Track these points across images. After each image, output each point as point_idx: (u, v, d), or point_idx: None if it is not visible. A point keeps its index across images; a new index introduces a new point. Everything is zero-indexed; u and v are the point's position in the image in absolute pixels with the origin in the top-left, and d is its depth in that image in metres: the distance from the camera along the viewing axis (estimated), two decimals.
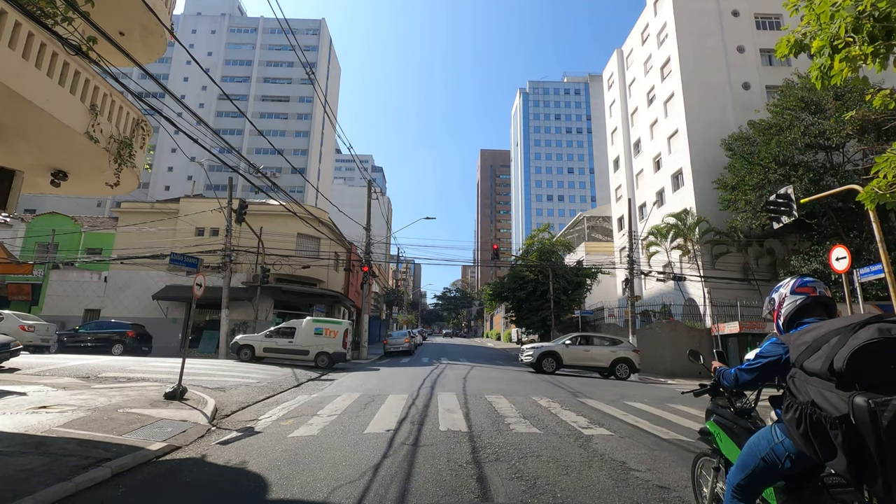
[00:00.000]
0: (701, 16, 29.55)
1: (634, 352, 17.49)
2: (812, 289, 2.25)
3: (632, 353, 17.19)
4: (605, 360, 16.90)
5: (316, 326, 17.16)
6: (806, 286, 2.27)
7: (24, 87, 5.17)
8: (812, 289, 2.25)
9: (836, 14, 3.93)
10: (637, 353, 17.62)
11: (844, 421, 1.63)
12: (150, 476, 4.38)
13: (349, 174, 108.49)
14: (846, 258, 10.18)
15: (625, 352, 17.17)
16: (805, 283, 2.29)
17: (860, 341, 1.68)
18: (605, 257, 35.14)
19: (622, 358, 16.90)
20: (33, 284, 25.58)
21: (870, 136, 18.27)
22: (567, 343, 17.54)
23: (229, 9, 70.84)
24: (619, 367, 16.75)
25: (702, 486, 3.20)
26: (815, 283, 2.28)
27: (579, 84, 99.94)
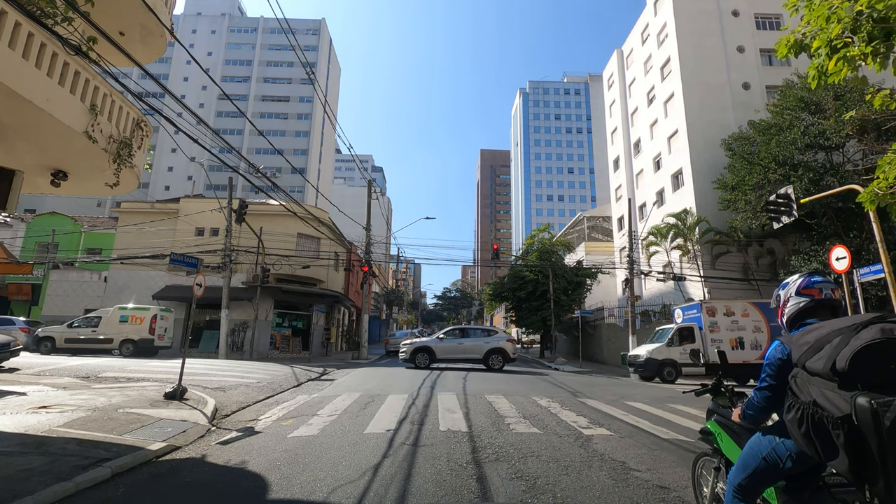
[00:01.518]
0: (701, 16, 29.54)
1: (509, 342, 17.56)
2: (818, 290, 2.18)
3: (505, 343, 17.28)
4: (479, 352, 17.01)
5: (122, 314, 16.93)
6: (812, 287, 2.20)
7: (24, 87, 5.16)
8: (818, 290, 2.18)
9: (832, 15, 3.93)
10: (512, 342, 17.70)
11: (846, 421, 1.62)
12: (150, 476, 4.38)
13: (349, 174, 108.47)
14: (846, 258, 10.18)
15: (498, 342, 17.25)
16: (811, 284, 2.21)
17: (862, 341, 1.67)
18: (605, 257, 35.13)
19: (496, 348, 17.02)
20: (33, 284, 25.59)
21: (870, 136, 18.26)
22: (441, 337, 17.74)
23: (229, 9, 70.84)
24: (493, 358, 16.90)
25: (702, 486, 3.20)
26: (821, 284, 2.20)
27: (579, 84, 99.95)
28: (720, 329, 17.62)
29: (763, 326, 17.65)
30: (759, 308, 18.03)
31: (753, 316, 17.77)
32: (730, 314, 17.78)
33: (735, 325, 17.66)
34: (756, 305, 18.22)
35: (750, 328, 17.62)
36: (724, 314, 17.79)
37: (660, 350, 17.82)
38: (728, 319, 17.71)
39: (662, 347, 17.84)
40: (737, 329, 17.62)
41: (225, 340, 19.36)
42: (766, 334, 17.52)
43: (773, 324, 17.66)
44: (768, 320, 17.70)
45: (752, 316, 17.77)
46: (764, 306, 18.26)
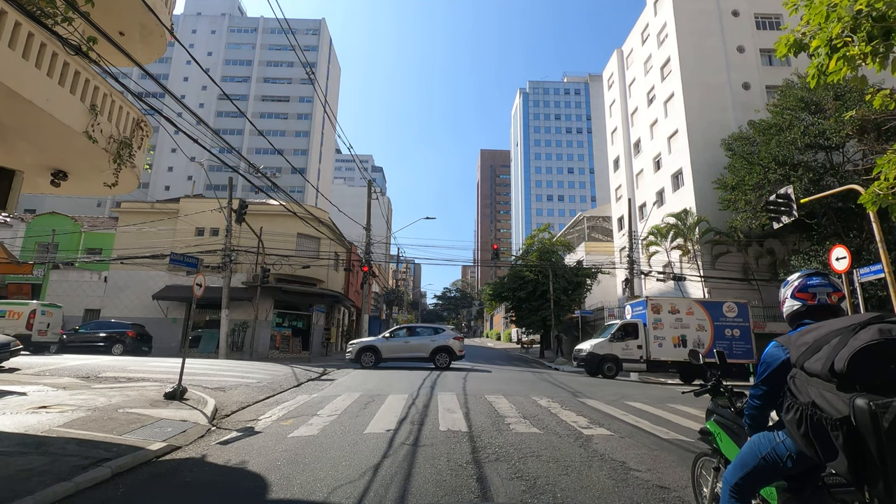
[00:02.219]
0: (701, 16, 29.55)
1: (456, 339, 17.39)
2: (811, 295, 2.14)
3: (452, 342, 17.16)
4: (426, 351, 16.93)
5: None
6: (806, 291, 2.16)
7: (24, 87, 5.16)
8: (811, 295, 2.14)
9: (831, 14, 3.94)
10: (458, 340, 17.55)
11: (845, 423, 1.62)
12: (150, 476, 4.38)
13: (349, 174, 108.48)
14: (846, 258, 10.18)
15: (444, 340, 17.15)
16: (806, 289, 2.16)
17: (861, 342, 1.66)
18: (605, 257, 35.13)
19: (442, 346, 16.94)
20: (33, 284, 25.59)
21: (870, 136, 18.26)
22: (387, 336, 17.60)
23: (229, 9, 70.85)
24: (439, 357, 16.82)
25: (702, 486, 3.20)
26: (816, 289, 2.14)
27: (579, 84, 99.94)
28: (664, 326, 17.66)
29: (707, 325, 17.70)
30: (705, 307, 18.08)
31: (698, 315, 17.80)
32: (675, 312, 17.83)
33: (679, 323, 17.70)
34: (702, 304, 18.28)
35: (694, 327, 17.66)
36: (668, 312, 17.84)
37: (602, 345, 17.83)
38: (672, 317, 17.75)
39: (605, 342, 17.87)
40: (680, 327, 17.66)
41: (225, 340, 19.37)
42: (710, 333, 17.57)
43: (718, 323, 17.76)
44: (713, 320, 17.74)
45: (696, 315, 17.80)
46: (710, 305, 18.31)
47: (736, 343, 17.59)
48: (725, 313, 17.91)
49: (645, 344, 17.53)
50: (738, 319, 17.89)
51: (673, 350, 17.41)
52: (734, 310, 18.00)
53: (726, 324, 17.80)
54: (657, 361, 17.42)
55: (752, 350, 17.65)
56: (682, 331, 17.61)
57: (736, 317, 17.90)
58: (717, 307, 18.14)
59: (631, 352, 17.52)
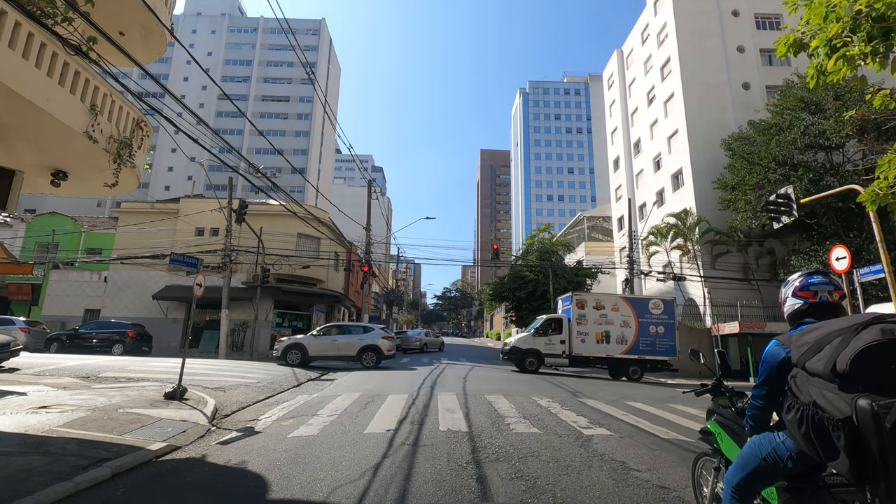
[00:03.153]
0: (701, 16, 29.55)
1: (384, 339, 17.08)
2: (813, 293, 2.13)
3: (380, 341, 16.86)
4: (353, 349, 16.68)
5: None
6: (807, 290, 2.15)
7: (24, 87, 5.16)
8: (813, 293, 2.13)
9: (830, 14, 3.93)
10: (388, 339, 17.21)
11: (847, 423, 1.61)
12: (150, 476, 4.38)
13: (349, 174, 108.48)
14: (846, 258, 10.18)
15: (372, 339, 16.86)
16: (807, 287, 2.16)
17: (863, 343, 1.65)
18: (605, 257, 35.13)
19: (369, 346, 16.66)
20: (33, 284, 25.59)
21: (870, 136, 18.26)
22: (314, 334, 17.30)
23: (229, 9, 70.86)
24: (366, 356, 16.55)
25: (702, 486, 3.20)
26: (818, 287, 2.14)
27: (579, 84, 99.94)
28: (588, 322, 17.66)
29: (632, 322, 17.68)
30: (631, 303, 18.06)
31: (624, 311, 17.79)
32: (600, 308, 17.83)
33: (604, 318, 17.68)
34: (627, 300, 18.26)
35: (618, 323, 17.65)
36: (594, 307, 17.84)
37: (525, 339, 17.85)
38: (597, 313, 17.74)
39: (528, 337, 17.90)
40: (605, 323, 17.65)
41: (225, 340, 19.37)
42: (634, 330, 17.57)
43: (643, 320, 17.75)
44: (638, 316, 17.74)
45: (622, 311, 17.79)
46: (635, 302, 18.29)
47: (660, 340, 17.62)
48: (651, 310, 17.92)
49: (568, 339, 17.54)
50: (663, 316, 17.90)
51: (596, 346, 17.42)
52: (660, 306, 18.01)
53: (651, 320, 17.80)
54: (579, 357, 17.46)
55: (675, 347, 17.69)
56: (606, 327, 17.61)
57: (661, 314, 17.91)
58: (642, 303, 18.16)
59: (554, 346, 17.54)
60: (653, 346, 17.48)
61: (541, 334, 17.74)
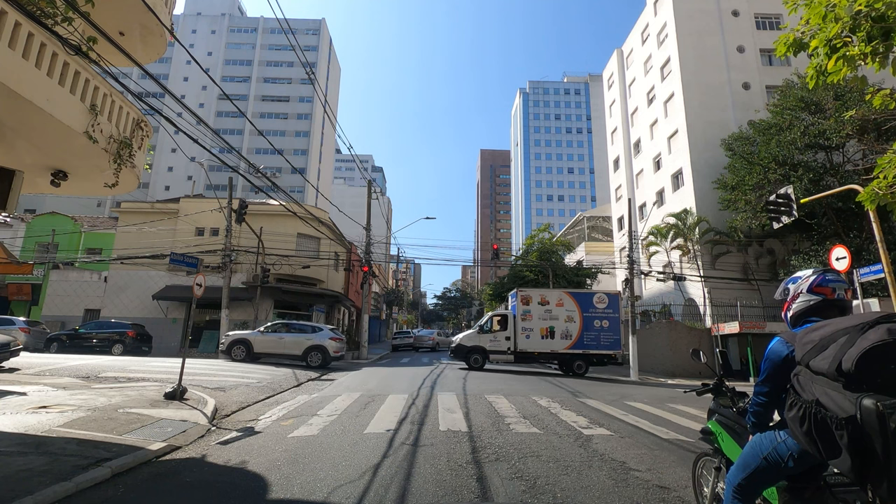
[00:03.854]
0: (701, 16, 29.55)
1: (332, 339, 16.86)
2: (831, 290, 2.13)
3: (327, 342, 16.65)
4: (299, 349, 16.48)
5: None
6: (825, 286, 2.14)
7: (24, 87, 5.16)
8: (831, 290, 2.13)
9: (829, 13, 3.93)
10: (336, 340, 16.98)
11: (851, 422, 1.61)
12: (150, 476, 4.38)
13: (349, 174, 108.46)
14: (846, 258, 10.18)
15: (320, 339, 16.69)
16: (825, 283, 2.15)
17: (869, 342, 1.65)
18: (605, 257, 35.13)
19: (315, 346, 16.50)
20: (33, 284, 25.58)
21: (870, 136, 18.26)
22: (262, 330, 17.16)
23: (229, 9, 70.84)
24: (312, 356, 16.36)
25: (702, 486, 3.20)
26: (835, 284, 2.14)
27: (579, 84, 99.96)
28: (532, 318, 17.64)
29: (577, 316, 17.67)
30: (575, 298, 18.03)
31: (568, 306, 17.77)
32: (545, 303, 17.79)
33: (548, 314, 17.67)
34: (572, 295, 18.23)
35: (563, 318, 17.64)
36: (538, 303, 17.81)
37: (470, 337, 17.93)
38: (542, 308, 17.72)
39: (473, 334, 17.99)
40: (549, 318, 17.63)
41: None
42: (579, 324, 17.56)
43: (587, 314, 17.71)
44: (583, 310, 17.72)
45: (566, 305, 17.77)
46: (580, 296, 18.24)
47: (604, 334, 17.62)
48: (595, 304, 17.90)
49: (513, 335, 17.51)
50: (608, 311, 17.87)
51: (540, 341, 17.40)
52: (605, 301, 17.99)
53: (596, 315, 17.79)
54: (524, 353, 17.46)
55: (619, 341, 17.65)
56: (550, 322, 17.60)
57: (606, 308, 17.88)
58: (587, 298, 18.14)
59: (499, 343, 17.57)
60: (597, 341, 17.49)
61: (486, 331, 17.79)
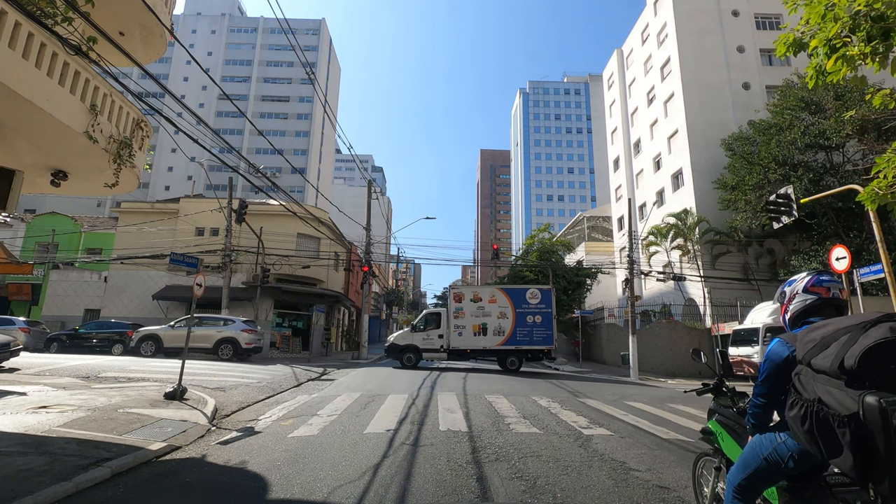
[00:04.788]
0: (701, 16, 29.55)
1: (245, 332, 16.83)
2: (826, 289, 2.16)
3: (240, 333, 16.62)
4: (210, 341, 16.51)
5: None
6: (820, 286, 2.17)
7: (24, 87, 5.16)
8: (826, 289, 2.16)
9: (828, 13, 3.93)
10: (248, 332, 16.95)
11: (853, 419, 1.62)
12: (150, 476, 4.38)
13: (349, 174, 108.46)
14: (846, 258, 10.18)
15: (231, 332, 16.66)
16: (820, 283, 2.18)
17: (872, 340, 1.66)
18: (605, 257, 35.14)
19: (227, 338, 16.49)
20: (33, 284, 25.58)
21: (870, 136, 18.27)
22: (171, 325, 17.14)
23: (229, 9, 70.85)
24: (223, 349, 16.36)
25: (702, 486, 3.20)
26: (830, 284, 2.17)
27: (579, 84, 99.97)
28: (465, 315, 17.68)
29: (509, 313, 17.67)
30: (508, 294, 18.03)
31: (501, 302, 17.77)
32: (477, 300, 17.83)
33: (481, 311, 17.69)
34: (504, 291, 18.23)
35: (496, 314, 17.65)
36: (471, 300, 17.85)
37: (403, 336, 17.99)
38: (474, 305, 17.75)
39: (406, 333, 18.03)
40: (482, 315, 17.65)
41: None
42: (511, 320, 17.56)
43: (520, 310, 17.72)
44: (515, 306, 17.71)
45: (499, 302, 17.77)
46: (513, 292, 18.23)
47: (537, 329, 17.62)
48: (528, 300, 17.89)
49: (446, 333, 17.57)
50: (540, 306, 17.86)
51: (473, 338, 17.45)
52: (537, 296, 17.98)
53: (528, 310, 17.78)
54: (456, 350, 17.53)
55: (552, 336, 17.68)
56: (483, 319, 17.62)
57: (539, 303, 17.88)
58: (520, 294, 18.14)
59: (432, 341, 17.63)
60: (530, 336, 17.50)
61: (419, 330, 17.83)
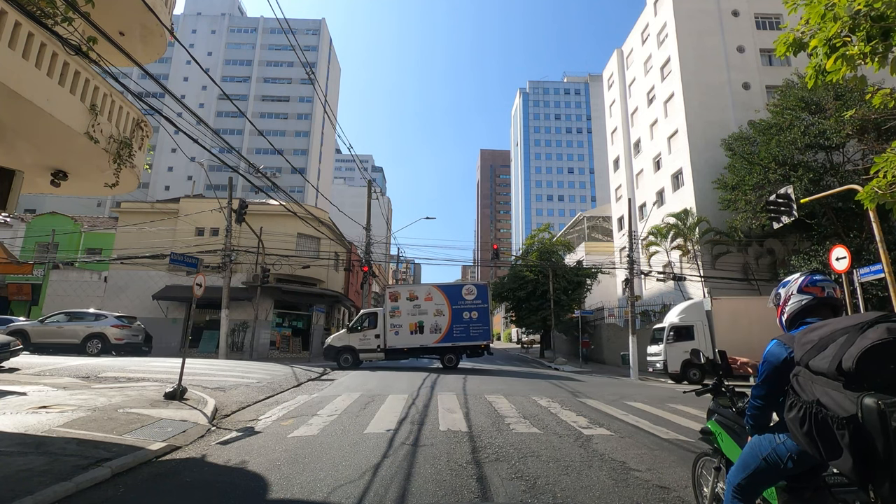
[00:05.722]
0: (701, 16, 29.56)
1: (115, 327, 16.70)
2: (820, 289, 2.15)
3: (109, 329, 16.52)
4: (77, 337, 16.39)
5: None
6: (815, 286, 2.17)
7: (24, 87, 5.16)
8: (820, 289, 2.15)
9: (828, 13, 3.93)
10: (118, 328, 16.83)
11: (852, 421, 1.61)
12: (150, 476, 4.38)
13: (349, 174, 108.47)
14: (846, 258, 10.18)
15: (101, 327, 16.54)
16: (814, 283, 2.18)
17: (869, 341, 1.64)
18: (605, 257, 35.14)
19: (95, 333, 16.36)
20: (33, 284, 25.58)
21: (870, 135, 18.26)
22: (41, 320, 17.04)
23: (229, 9, 70.86)
24: (91, 344, 16.24)
25: (702, 486, 3.20)
26: (824, 283, 2.17)
27: (579, 84, 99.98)
28: (401, 314, 17.72)
29: (445, 310, 17.71)
30: (444, 291, 18.04)
31: (437, 299, 17.81)
32: (413, 298, 17.89)
33: (417, 309, 17.72)
34: (440, 288, 18.21)
35: (432, 312, 17.69)
36: (407, 299, 17.90)
37: (340, 337, 18.01)
38: (411, 304, 17.79)
39: (343, 334, 18.06)
40: (418, 313, 17.69)
41: (225, 340, 19.35)
42: (448, 317, 17.61)
43: (456, 307, 17.74)
44: (451, 303, 17.75)
45: (435, 299, 17.81)
46: (449, 289, 18.23)
47: (474, 325, 17.68)
48: (465, 296, 17.94)
49: (383, 332, 17.59)
50: (476, 301, 17.91)
51: (409, 337, 17.51)
52: (473, 292, 18.04)
53: (465, 306, 17.82)
54: (394, 349, 17.57)
55: (489, 331, 17.76)
56: (419, 317, 17.65)
57: (475, 299, 17.93)
58: (456, 290, 18.17)
59: (368, 341, 17.64)
60: (467, 332, 17.55)
61: (356, 330, 17.82)
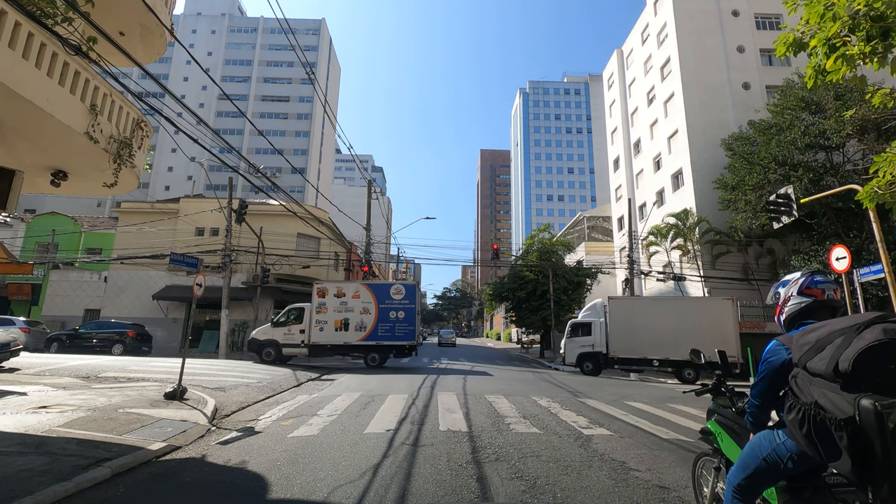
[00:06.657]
0: (701, 16, 29.55)
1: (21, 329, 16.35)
2: (821, 291, 2.14)
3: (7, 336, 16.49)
4: None
5: None
6: (815, 287, 2.16)
7: (24, 87, 5.16)
8: (821, 291, 2.14)
9: (827, 13, 3.93)
10: (24, 331, 16.46)
11: (850, 423, 1.61)
12: (150, 476, 4.38)
13: (349, 174, 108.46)
14: (846, 258, 10.18)
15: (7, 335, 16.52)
16: (814, 284, 2.16)
17: (865, 342, 1.64)
18: (605, 257, 35.12)
19: None
20: (33, 284, 25.58)
21: (870, 135, 18.26)
22: None
23: (229, 9, 70.83)
24: None
25: (702, 486, 3.20)
26: (824, 285, 2.15)
27: (579, 84, 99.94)
28: (328, 310, 17.63)
29: (372, 308, 17.65)
30: (372, 289, 18.01)
31: (365, 297, 17.74)
32: (341, 296, 17.79)
33: (344, 306, 17.66)
34: (368, 287, 18.17)
35: (358, 310, 17.62)
36: (334, 295, 17.79)
37: (264, 331, 17.87)
38: (338, 301, 17.71)
39: (267, 328, 17.93)
40: (345, 311, 17.62)
41: (225, 340, 19.35)
42: (374, 316, 17.56)
43: (383, 306, 17.65)
44: (379, 302, 17.69)
45: (363, 297, 17.74)
46: (377, 288, 18.18)
47: (399, 325, 17.58)
48: (392, 295, 17.85)
49: (308, 328, 17.52)
50: (404, 301, 17.81)
51: (334, 333, 17.43)
52: (401, 291, 17.94)
53: (392, 306, 17.73)
54: (317, 345, 17.48)
55: (415, 332, 17.66)
56: (345, 314, 17.58)
57: (402, 298, 17.83)
58: (384, 289, 18.08)
59: (293, 336, 17.54)
60: (392, 332, 17.46)
61: (280, 324, 17.71)
